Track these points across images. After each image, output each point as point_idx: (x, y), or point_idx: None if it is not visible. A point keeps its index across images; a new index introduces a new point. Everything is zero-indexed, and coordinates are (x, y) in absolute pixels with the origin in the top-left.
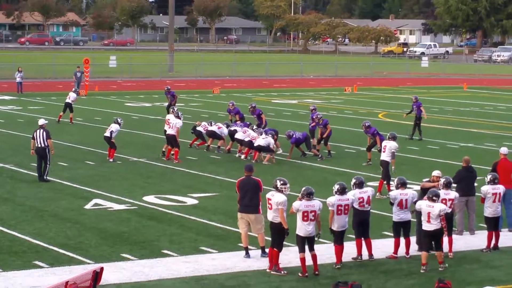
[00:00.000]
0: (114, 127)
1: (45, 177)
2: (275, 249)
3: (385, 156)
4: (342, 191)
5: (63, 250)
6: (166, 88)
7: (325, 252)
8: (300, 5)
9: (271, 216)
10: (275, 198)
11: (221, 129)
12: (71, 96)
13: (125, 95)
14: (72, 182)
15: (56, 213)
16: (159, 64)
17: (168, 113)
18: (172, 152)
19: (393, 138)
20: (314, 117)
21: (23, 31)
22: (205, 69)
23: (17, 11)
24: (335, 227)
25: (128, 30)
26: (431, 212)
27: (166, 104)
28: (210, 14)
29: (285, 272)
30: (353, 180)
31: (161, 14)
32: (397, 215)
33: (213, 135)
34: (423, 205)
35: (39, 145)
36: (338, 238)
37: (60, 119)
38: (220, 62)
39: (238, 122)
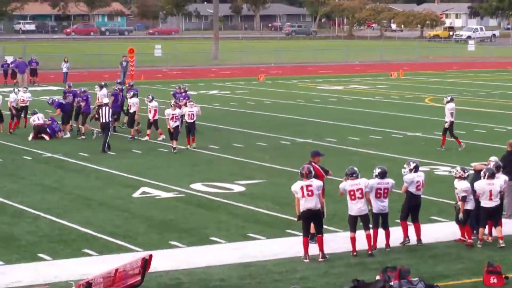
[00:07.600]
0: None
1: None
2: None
3: None
4: (383, 175)
5: (112, 238)
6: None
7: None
8: None
9: (312, 203)
10: (316, 182)
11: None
12: None
13: (170, 84)
14: (120, 171)
15: (104, 202)
16: (204, 52)
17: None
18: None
19: None
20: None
21: (69, 21)
22: (250, 57)
23: (63, 2)
24: (375, 210)
25: (173, 19)
26: (493, 189)
27: (212, 92)
28: (255, 1)
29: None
30: (412, 164)
31: (205, 2)
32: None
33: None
34: (483, 184)
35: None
36: (375, 222)
37: None
38: (264, 49)
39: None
